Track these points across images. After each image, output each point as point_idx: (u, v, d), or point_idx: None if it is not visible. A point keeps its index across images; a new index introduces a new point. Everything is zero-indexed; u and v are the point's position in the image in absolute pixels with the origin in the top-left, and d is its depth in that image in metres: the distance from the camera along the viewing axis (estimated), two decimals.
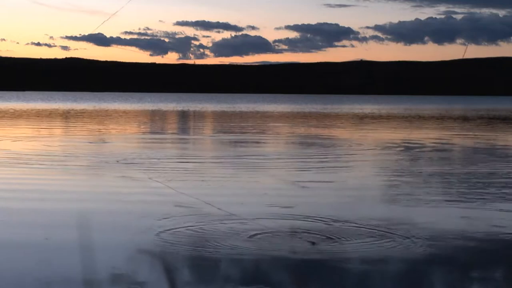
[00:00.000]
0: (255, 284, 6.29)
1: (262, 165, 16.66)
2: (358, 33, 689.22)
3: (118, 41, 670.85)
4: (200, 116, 54.21)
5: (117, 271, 6.69)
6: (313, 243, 7.74)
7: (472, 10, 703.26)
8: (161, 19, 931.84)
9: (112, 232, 8.51)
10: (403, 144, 23.94)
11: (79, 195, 11.47)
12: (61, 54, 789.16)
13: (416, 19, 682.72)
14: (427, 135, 29.14)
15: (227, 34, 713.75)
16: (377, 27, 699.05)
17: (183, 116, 54.77)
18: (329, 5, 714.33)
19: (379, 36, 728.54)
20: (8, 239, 8.12)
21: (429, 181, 13.61)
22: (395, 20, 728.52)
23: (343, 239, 7.96)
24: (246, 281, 6.39)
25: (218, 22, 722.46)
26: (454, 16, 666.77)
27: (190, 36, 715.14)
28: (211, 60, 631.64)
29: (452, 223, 9.21)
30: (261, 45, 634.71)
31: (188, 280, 6.41)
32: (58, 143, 22.29)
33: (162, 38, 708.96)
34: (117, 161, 16.41)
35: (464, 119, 51.47)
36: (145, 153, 18.90)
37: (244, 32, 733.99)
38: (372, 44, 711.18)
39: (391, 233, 8.29)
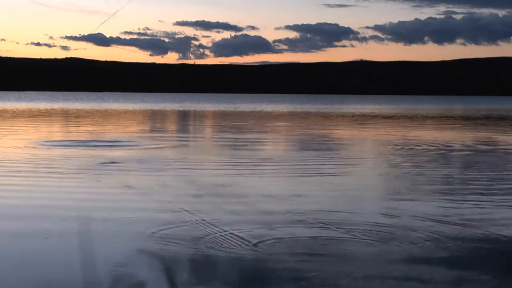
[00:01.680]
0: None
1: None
2: (358, 33, 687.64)
3: (118, 41, 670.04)
4: (213, 116, 54.10)
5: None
6: None
7: (472, 10, 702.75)
8: (161, 19, 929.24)
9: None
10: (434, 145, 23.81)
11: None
12: (61, 54, 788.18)
13: (416, 19, 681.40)
14: (453, 136, 29.10)
15: (227, 34, 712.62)
16: (377, 27, 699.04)
17: (184, 116, 54.73)
18: (329, 5, 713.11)
19: (379, 36, 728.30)
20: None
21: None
22: (395, 20, 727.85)
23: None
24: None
25: (218, 22, 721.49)
26: (454, 16, 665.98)
27: (190, 36, 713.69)
28: (211, 60, 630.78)
29: None
30: (261, 45, 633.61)
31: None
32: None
33: (162, 38, 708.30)
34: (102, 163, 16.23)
35: (473, 118, 51.43)
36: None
37: (244, 32, 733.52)
38: (372, 44, 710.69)
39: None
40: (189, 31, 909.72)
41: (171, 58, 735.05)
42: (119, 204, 10.48)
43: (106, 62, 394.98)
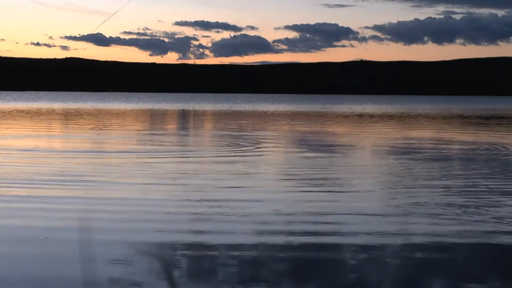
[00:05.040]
0: None
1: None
2: (357, 33, 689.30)
3: (117, 41, 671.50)
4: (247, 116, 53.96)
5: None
6: None
7: (471, 10, 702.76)
8: (160, 19, 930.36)
9: None
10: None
11: None
12: (60, 54, 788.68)
13: (415, 19, 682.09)
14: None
15: (226, 34, 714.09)
16: (376, 27, 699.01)
17: (184, 115, 54.72)
18: (328, 5, 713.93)
19: (379, 36, 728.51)
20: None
21: None
22: (394, 20, 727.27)
23: None
24: None
25: (217, 22, 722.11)
26: (453, 16, 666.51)
27: (190, 36, 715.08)
28: (211, 60, 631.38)
29: None
30: (261, 45, 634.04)
31: None
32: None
33: (161, 38, 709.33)
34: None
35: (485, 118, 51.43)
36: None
37: (244, 32, 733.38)
38: (371, 44, 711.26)
39: None
40: (189, 31, 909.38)
41: (171, 58, 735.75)
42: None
43: (106, 62, 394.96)
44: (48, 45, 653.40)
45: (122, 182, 12.70)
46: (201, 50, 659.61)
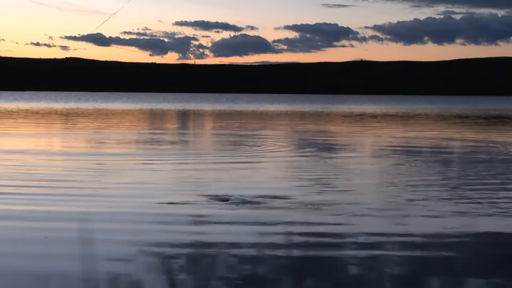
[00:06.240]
0: None
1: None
2: (357, 33, 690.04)
3: (117, 41, 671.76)
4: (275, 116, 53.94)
5: None
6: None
7: (471, 10, 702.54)
8: (160, 19, 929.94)
9: None
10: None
11: None
12: (60, 54, 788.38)
13: (415, 19, 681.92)
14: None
15: (226, 34, 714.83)
16: (376, 27, 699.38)
17: (184, 115, 54.75)
18: (328, 5, 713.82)
19: (379, 36, 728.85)
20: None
21: None
22: (394, 20, 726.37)
23: None
24: None
25: (217, 22, 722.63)
26: (453, 16, 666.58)
27: (190, 36, 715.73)
28: (211, 60, 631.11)
29: None
30: (261, 45, 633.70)
31: None
32: None
33: (161, 38, 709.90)
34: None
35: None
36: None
37: (243, 32, 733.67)
38: (371, 44, 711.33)
39: None
40: (189, 31, 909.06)
41: (171, 58, 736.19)
42: None
43: (106, 62, 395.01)
44: (48, 45, 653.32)
45: (121, 182, 12.69)
46: (201, 50, 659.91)
